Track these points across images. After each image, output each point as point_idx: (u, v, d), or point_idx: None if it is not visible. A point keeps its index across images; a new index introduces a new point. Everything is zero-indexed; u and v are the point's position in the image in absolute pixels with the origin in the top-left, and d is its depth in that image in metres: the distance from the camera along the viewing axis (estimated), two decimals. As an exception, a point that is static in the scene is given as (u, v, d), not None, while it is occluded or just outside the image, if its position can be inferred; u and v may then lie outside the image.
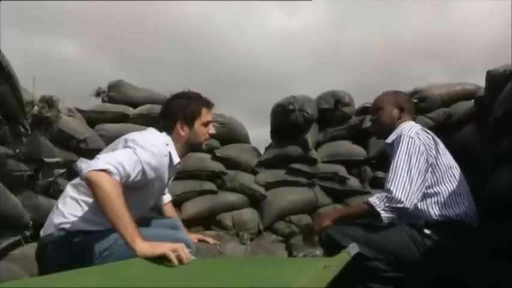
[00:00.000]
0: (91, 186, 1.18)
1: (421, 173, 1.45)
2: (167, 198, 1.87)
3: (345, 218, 1.53)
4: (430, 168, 1.47)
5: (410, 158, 1.45)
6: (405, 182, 1.42)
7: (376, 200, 1.44)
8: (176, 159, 1.51)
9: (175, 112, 1.54)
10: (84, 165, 1.25)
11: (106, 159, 1.24)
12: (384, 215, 1.41)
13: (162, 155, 1.43)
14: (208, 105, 1.60)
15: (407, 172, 1.43)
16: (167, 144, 1.48)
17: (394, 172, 1.45)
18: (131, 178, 1.29)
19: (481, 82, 2.73)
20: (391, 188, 1.42)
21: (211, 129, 1.60)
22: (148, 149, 1.36)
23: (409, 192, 1.41)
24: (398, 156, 1.47)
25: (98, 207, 1.19)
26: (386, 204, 1.41)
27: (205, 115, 1.57)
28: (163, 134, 1.53)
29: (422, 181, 1.45)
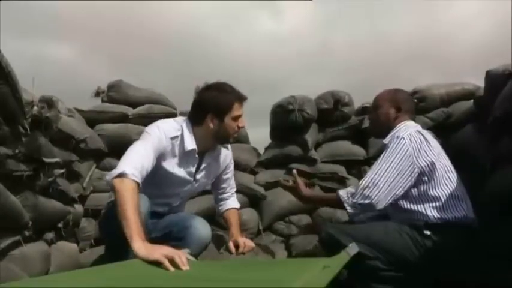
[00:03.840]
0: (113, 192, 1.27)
1: (402, 175, 1.42)
2: (230, 204, 1.83)
3: (317, 201, 1.68)
4: (419, 172, 1.44)
5: (394, 158, 1.44)
6: (379, 179, 1.42)
7: (344, 194, 1.49)
8: (189, 145, 1.53)
9: (207, 104, 1.53)
10: (108, 177, 1.33)
11: (121, 165, 1.30)
12: (349, 210, 1.46)
13: (167, 136, 1.49)
14: (241, 99, 1.57)
15: (385, 170, 1.43)
16: (178, 129, 1.53)
17: (372, 168, 1.47)
18: (150, 168, 1.38)
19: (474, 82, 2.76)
20: (362, 183, 1.45)
21: (242, 123, 1.58)
22: (154, 134, 1.47)
23: (380, 190, 1.42)
24: (384, 154, 1.48)
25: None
26: (353, 200, 1.45)
27: (237, 109, 1.55)
28: (178, 119, 1.59)
29: (403, 184, 1.43)
